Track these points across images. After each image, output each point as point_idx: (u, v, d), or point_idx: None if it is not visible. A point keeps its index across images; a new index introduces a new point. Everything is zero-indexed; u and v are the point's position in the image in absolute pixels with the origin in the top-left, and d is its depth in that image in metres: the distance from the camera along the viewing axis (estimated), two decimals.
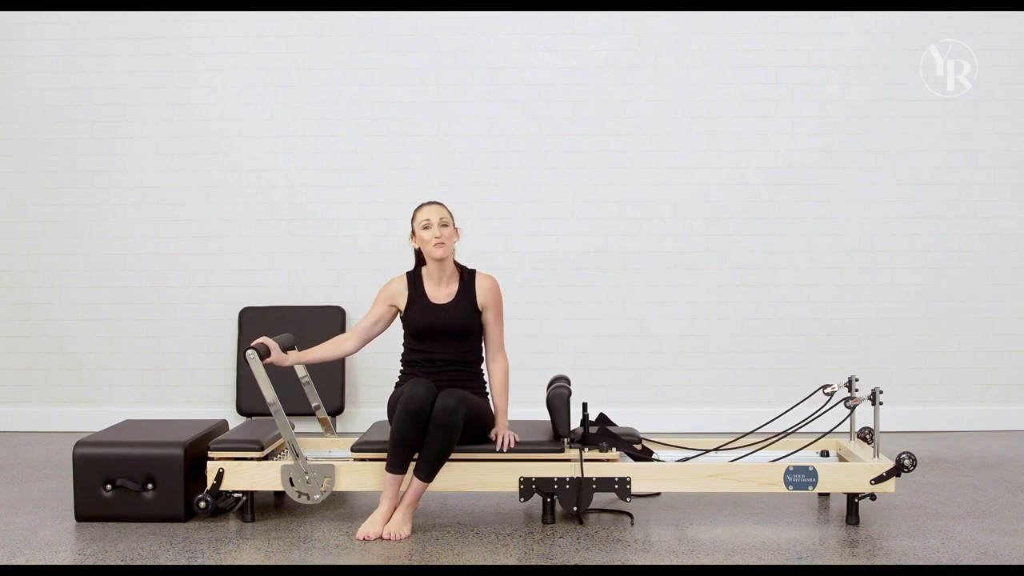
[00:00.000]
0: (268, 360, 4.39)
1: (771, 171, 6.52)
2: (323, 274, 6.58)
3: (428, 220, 4.44)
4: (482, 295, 4.50)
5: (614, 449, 4.44)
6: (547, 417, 4.54)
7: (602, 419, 4.61)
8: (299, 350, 4.69)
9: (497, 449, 4.38)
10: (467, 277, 4.53)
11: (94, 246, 6.63)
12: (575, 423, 4.53)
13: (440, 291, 4.52)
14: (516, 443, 4.39)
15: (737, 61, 6.51)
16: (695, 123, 6.53)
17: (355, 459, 4.45)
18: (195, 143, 6.59)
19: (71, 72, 6.59)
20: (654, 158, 6.53)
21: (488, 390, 4.60)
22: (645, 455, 4.55)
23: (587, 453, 4.41)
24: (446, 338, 4.47)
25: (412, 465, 4.30)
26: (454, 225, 4.52)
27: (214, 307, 6.61)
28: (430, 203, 4.52)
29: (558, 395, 4.44)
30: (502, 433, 4.42)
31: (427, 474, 4.26)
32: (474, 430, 4.40)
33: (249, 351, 4.31)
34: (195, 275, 6.62)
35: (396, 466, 4.27)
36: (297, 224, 6.59)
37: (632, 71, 6.54)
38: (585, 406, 4.49)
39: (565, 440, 4.45)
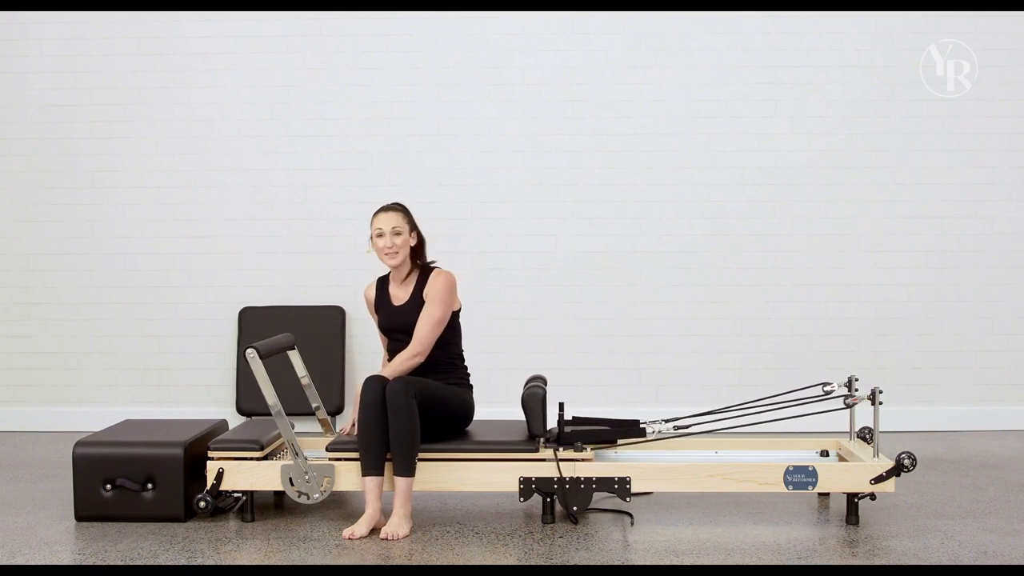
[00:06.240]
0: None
1: (771, 171, 6.52)
2: (323, 274, 6.57)
3: (381, 229, 4.44)
4: (427, 290, 4.47)
5: (588, 448, 4.43)
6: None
7: (577, 421, 4.58)
8: (299, 351, 4.71)
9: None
10: (424, 276, 4.51)
11: (94, 246, 6.62)
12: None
13: (400, 292, 4.54)
14: None
15: (737, 61, 6.51)
16: (695, 123, 6.53)
17: (330, 459, 4.44)
18: (195, 143, 6.59)
19: (71, 72, 6.59)
20: (654, 158, 6.53)
21: (469, 381, 4.62)
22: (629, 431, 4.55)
23: (562, 453, 4.40)
24: (408, 337, 4.46)
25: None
26: (412, 230, 4.48)
27: (214, 307, 6.61)
28: (385, 210, 4.50)
29: (532, 395, 4.44)
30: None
31: (404, 468, 4.23)
32: (443, 418, 4.41)
33: (249, 350, 4.31)
34: (195, 275, 6.61)
35: (368, 467, 4.26)
36: (297, 224, 6.59)
37: (632, 71, 6.54)
38: (561, 406, 4.49)
39: (540, 440, 4.44)
